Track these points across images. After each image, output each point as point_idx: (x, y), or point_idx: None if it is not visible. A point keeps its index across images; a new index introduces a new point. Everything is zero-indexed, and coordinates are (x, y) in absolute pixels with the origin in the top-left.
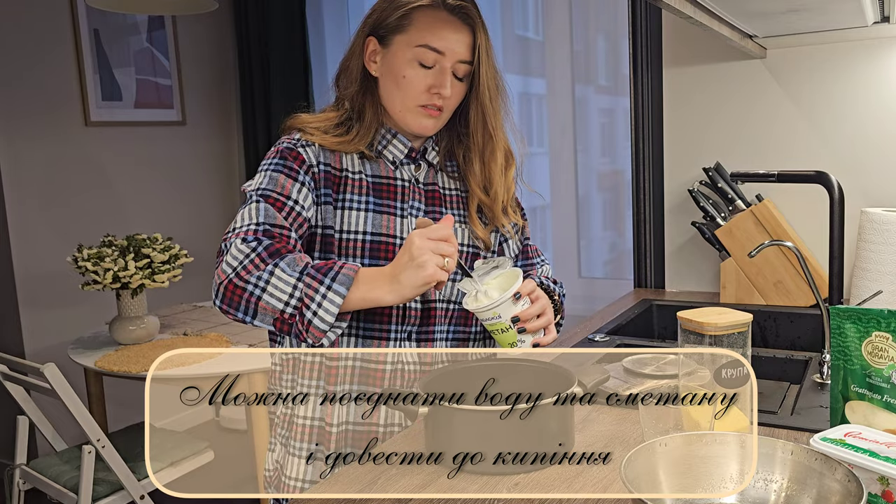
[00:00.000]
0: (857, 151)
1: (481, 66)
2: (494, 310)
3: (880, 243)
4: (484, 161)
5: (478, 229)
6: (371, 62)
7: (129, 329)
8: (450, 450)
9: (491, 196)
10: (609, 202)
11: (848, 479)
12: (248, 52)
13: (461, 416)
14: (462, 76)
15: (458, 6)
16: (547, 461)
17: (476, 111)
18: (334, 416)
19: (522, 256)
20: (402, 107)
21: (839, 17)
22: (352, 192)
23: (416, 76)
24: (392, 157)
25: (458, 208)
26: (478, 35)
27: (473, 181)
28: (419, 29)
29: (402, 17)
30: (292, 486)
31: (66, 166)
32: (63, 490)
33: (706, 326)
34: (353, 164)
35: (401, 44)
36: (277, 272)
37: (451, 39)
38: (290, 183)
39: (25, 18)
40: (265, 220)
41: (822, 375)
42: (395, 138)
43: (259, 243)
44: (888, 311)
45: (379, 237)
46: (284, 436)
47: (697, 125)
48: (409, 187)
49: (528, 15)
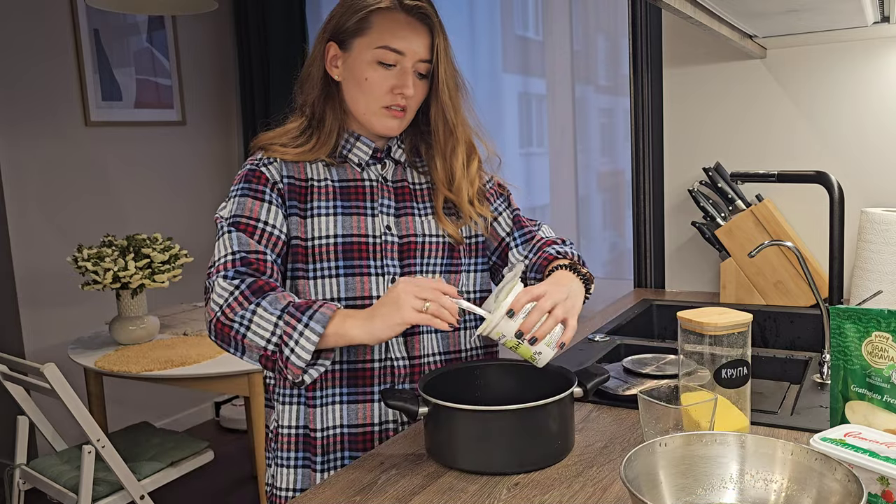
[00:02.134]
0: (857, 151)
1: (440, 64)
2: (495, 331)
3: (880, 243)
4: (445, 157)
5: (444, 223)
6: (333, 67)
7: (129, 329)
8: (450, 449)
9: (454, 191)
10: (609, 202)
11: (848, 479)
12: (248, 52)
13: (462, 416)
14: (423, 73)
15: (414, 6)
16: (547, 461)
17: (437, 109)
18: (317, 421)
19: (517, 227)
20: (367, 109)
21: (839, 17)
22: (319, 200)
23: (379, 77)
24: (357, 160)
25: (429, 200)
26: (435, 34)
27: (437, 177)
28: (378, 31)
29: (360, 20)
30: (283, 496)
31: (66, 166)
32: (63, 490)
33: (706, 326)
34: (318, 172)
35: (361, 46)
36: (259, 311)
37: (410, 40)
38: (257, 205)
39: (25, 18)
40: (240, 248)
41: (822, 375)
42: (358, 141)
43: (241, 280)
44: (888, 311)
45: (350, 238)
46: (274, 449)
47: (697, 125)
48: (378, 186)
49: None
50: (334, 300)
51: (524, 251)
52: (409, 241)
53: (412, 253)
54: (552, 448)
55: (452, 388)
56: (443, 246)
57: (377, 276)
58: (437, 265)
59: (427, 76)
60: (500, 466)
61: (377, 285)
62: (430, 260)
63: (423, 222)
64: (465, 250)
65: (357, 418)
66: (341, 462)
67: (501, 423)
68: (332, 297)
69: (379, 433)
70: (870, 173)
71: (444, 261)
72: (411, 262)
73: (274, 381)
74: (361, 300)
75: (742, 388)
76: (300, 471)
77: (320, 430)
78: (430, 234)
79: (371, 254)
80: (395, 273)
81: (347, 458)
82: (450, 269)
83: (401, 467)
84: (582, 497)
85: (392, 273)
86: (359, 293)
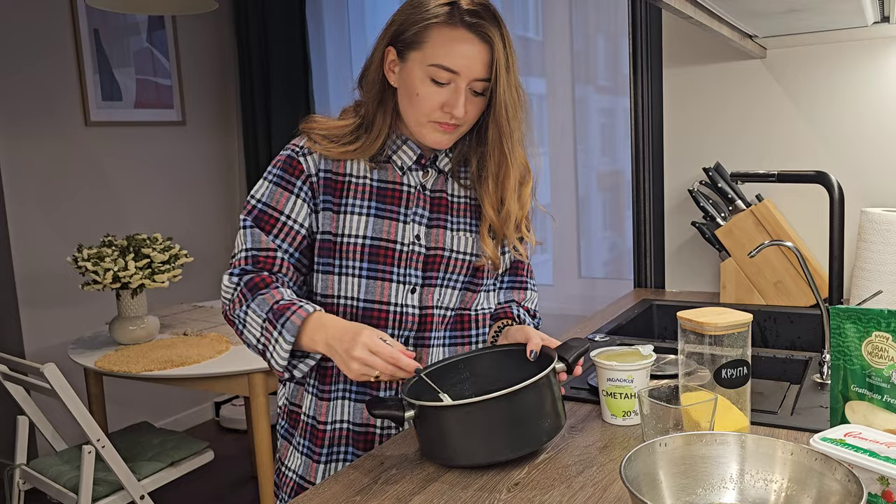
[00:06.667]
0: (857, 151)
1: (499, 84)
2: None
3: (880, 243)
4: (498, 180)
5: (486, 246)
6: (390, 72)
7: (129, 329)
8: (443, 447)
9: (503, 214)
10: (609, 202)
11: (848, 479)
12: (248, 52)
13: (447, 412)
14: (481, 91)
15: (475, 24)
16: (541, 439)
17: (493, 130)
18: (328, 414)
19: (511, 272)
20: (416, 122)
21: (839, 17)
22: (354, 197)
23: (429, 94)
24: (401, 163)
25: (466, 216)
26: (496, 51)
27: (487, 199)
28: (433, 47)
29: (417, 32)
30: (290, 477)
31: (66, 166)
32: (63, 490)
33: (706, 326)
34: (359, 168)
35: (415, 60)
36: (250, 313)
37: (467, 58)
38: (285, 197)
39: (25, 18)
40: (252, 245)
41: (822, 375)
42: (405, 144)
43: (240, 278)
44: (888, 311)
45: (378, 241)
46: (288, 427)
47: (697, 125)
48: (415, 193)
49: (528, 15)
50: (354, 299)
51: (502, 298)
52: (436, 253)
53: (436, 266)
54: (544, 426)
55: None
56: (468, 264)
57: (398, 284)
58: (459, 281)
59: (485, 94)
60: (495, 455)
61: (397, 292)
62: (453, 276)
63: (454, 237)
64: (489, 271)
65: (361, 418)
66: (343, 457)
67: (488, 412)
68: (352, 297)
69: (380, 435)
70: (870, 173)
71: (466, 278)
72: (434, 274)
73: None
74: (379, 304)
75: (742, 388)
76: (303, 458)
77: (328, 423)
78: (458, 251)
79: (396, 260)
80: (417, 283)
81: (350, 454)
82: (469, 287)
83: (401, 467)
84: (582, 497)
85: (413, 283)
86: (377, 297)
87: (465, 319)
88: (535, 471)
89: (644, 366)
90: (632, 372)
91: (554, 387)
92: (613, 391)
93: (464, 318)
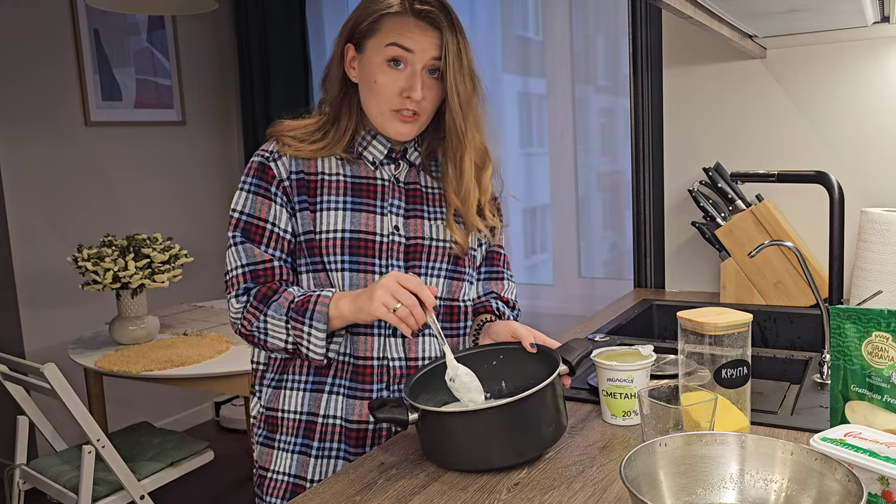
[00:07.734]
0: (857, 151)
1: (449, 69)
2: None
3: (880, 243)
4: (455, 164)
5: (454, 231)
6: (350, 68)
7: (129, 329)
8: (447, 452)
9: (461, 198)
10: (609, 202)
11: (848, 479)
12: (248, 52)
13: (453, 419)
14: (437, 76)
15: (424, 11)
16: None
17: (448, 116)
18: (322, 407)
19: (487, 263)
20: (378, 112)
21: (839, 17)
22: (328, 193)
23: (387, 81)
24: (372, 158)
25: (440, 206)
26: (445, 35)
27: (449, 185)
28: (388, 31)
29: (372, 22)
30: (281, 480)
31: (66, 166)
32: (63, 490)
33: (706, 326)
34: (331, 166)
35: (373, 47)
36: (270, 321)
37: (420, 40)
38: (266, 205)
39: (25, 18)
40: (247, 261)
41: (822, 375)
42: (374, 139)
43: (248, 294)
44: (888, 311)
45: (358, 234)
46: (263, 434)
47: (697, 125)
48: (389, 186)
49: (527, 15)
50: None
51: (481, 290)
52: (416, 243)
53: (418, 255)
54: (549, 431)
55: (439, 383)
56: (449, 252)
57: (381, 275)
58: (442, 270)
59: (441, 80)
60: (500, 461)
61: None
62: (436, 264)
63: (432, 226)
64: (469, 260)
65: (354, 414)
66: (336, 453)
67: (494, 420)
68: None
69: (373, 432)
70: (870, 173)
71: (448, 266)
72: (416, 263)
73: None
74: None
75: (742, 388)
76: (296, 456)
77: (323, 417)
78: (438, 239)
79: (377, 252)
80: None
81: (342, 450)
82: (453, 275)
83: (401, 467)
84: (582, 497)
85: None
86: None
87: (455, 311)
88: (535, 471)
89: (644, 366)
90: (632, 372)
91: (558, 392)
92: (613, 391)
93: (454, 310)
